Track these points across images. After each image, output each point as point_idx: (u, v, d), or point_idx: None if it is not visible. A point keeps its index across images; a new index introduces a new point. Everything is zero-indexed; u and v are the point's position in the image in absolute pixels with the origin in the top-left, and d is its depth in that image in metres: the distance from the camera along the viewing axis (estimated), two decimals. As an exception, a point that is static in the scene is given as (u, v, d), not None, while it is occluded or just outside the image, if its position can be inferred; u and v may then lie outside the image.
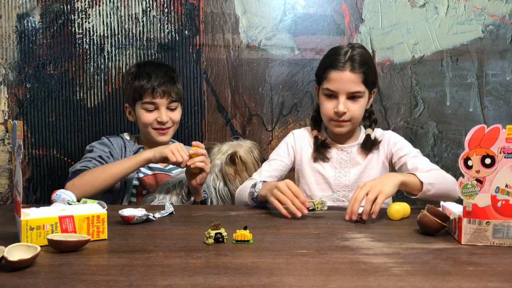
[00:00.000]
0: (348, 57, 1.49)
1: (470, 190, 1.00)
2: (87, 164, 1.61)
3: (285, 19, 2.07)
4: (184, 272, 0.85)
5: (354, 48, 1.52)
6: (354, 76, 1.48)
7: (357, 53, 1.50)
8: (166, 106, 1.70)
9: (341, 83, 1.49)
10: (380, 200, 1.20)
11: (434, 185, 1.31)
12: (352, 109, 1.51)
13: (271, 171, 1.60)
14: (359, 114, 1.54)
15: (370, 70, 1.51)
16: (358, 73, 1.48)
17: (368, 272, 0.84)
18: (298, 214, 1.24)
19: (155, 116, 1.69)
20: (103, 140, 1.74)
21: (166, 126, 1.70)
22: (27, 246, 0.91)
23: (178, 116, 1.74)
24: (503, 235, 1.00)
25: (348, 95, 1.50)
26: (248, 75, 2.08)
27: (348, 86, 1.49)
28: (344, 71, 1.48)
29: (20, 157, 0.99)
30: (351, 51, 1.50)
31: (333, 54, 1.53)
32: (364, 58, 1.50)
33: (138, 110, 1.70)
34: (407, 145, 1.59)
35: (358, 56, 1.49)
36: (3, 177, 2.07)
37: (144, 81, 1.67)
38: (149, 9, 2.04)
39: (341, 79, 1.48)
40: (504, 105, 2.10)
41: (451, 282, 0.80)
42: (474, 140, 1.00)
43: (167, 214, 1.31)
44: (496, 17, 2.07)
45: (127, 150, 1.72)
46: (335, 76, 1.49)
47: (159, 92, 1.67)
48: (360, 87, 1.50)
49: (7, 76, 2.03)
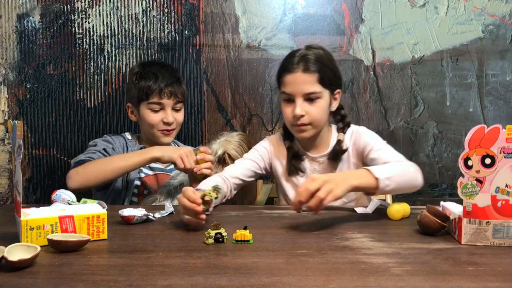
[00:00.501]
0: (300, 58, 1.42)
1: (470, 190, 1.00)
2: (91, 155, 1.60)
3: (285, 19, 2.07)
4: (184, 272, 0.85)
5: (310, 49, 1.46)
6: (307, 76, 1.41)
7: (312, 53, 1.44)
8: (171, 107, 1.70)
9: (295, 85, 1.42)
10: (328, 201, 1.09)
11: (392, 178, 1.21)
12: (310, 111, 1.43)
13: (242, 170, 1.52)
14: (320, 117, 1.45)
15: (326, 69, 1.44)
16: (312, 72, 1.41)
17: (368, 272, 0.84)
18: (197, 213, 1.13)
19: (161, 116, 1.68)
20: (106, 137, 1.74)
21: (172, 127, 1.70)
22: (27, 246, 0.91)
23: (182, 117, 1.75)
24: (503, 235, 1.00)
25: (304, 97, 1.43)
26: (248, 75, 2.08)
27: (302, 87, 1.42)
28: (296, 72, 1.42)
29: (20, 157, 0.99)
30: (305, 52, 1.44)
31: (287, 57, 1.47)
32: (318, 57, 1.43)
33: (143, 110, 1.70)
34: (372, 139, 1.49)
35: (312, 56, 1.43)
36: (3, 177, 2.07)
37: (151, 82, 1.67)
38: (149, 9, 2.04)
39: (294, 81, 1.42)
40: (504, 105, 2.10)
41: (451, 282, 0.80)
42: (474, 140, 1.00)
43: (167, 214, 1.31)
44: (496, 17, 2.07)
45: (129, 150, 1.72)
46: (289, 79, 1.43)
47: (167, 92, 1.67)
48: (315, 87, 1.42)
49: (7, 76, 2.03)
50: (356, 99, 2.09)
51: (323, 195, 1.09)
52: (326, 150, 1.52)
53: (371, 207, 1.34)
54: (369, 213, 1.33)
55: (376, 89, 2.10)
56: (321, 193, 1.09)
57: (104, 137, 1.74)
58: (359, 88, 2.09)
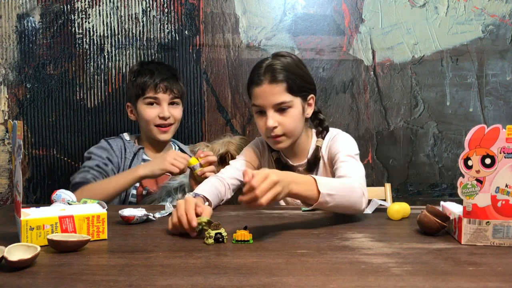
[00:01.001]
0: (266, 69, 1.39)
1: (470, 190, 1.00)
2: (85, 175, 1.61)
3: (285, 19, 2.07)
4: (184, 272, 0.85)
5: (277, 57, 1.42)
6: (274, 86, 1.38)
7: (278, 62, 1.40)
8: (168, 102, 1.70)
9: (263, 97, 1.39)
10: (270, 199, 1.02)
11: (334, 196, 1.14)
12: (283, 121, 1.40)
13: (238, 171, 1.49)
14: (293, 126, 1.42)
15: (294, 77, 1.39)
16: (280, 82, 1.38)
17: (368, 272, 0.84)
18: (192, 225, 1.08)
19: (157, 111, 1.69)
20: (102, 143, 1.73)
21: (168, 122, 1.71)
22: (27, 246, 0.91)
23: (179, 113, 1.75)
24: (503, 235, 1.00)
25: (275, 108, 1.39)
26: (248, 75, 2.08)
27: (271, 98, 1.38)
28: (263, 84, 1.38)
29: (20, 157, 0.99)
30: (271, 61, 1.40)
31: (254, 69, 1.44)
32: (285, 66, 1.39)
33: (140, 106, 1.71)
34: (343, 147, 1.43)
35: (279, 65, 1.39)
36: (3, 177, 2.07)
37: (147, 77, 1.69)
38: (149, 9, 2.04)
39: (263, 93, 1.39)
40: (504, 105, 2.10)
41: (451, 282, 0.80)
42: (474, 140, 1.00)
43: (167, 214, 1.31)
44: (496, 17, 2.07)
45: (127, 151, 1.72)
46: (257, 91, 1.40)
47: (162, 87, 1.69)
48: (284, 97, 1.38)
49: (7, 76, 2.03)
50: (356, 99, 2.09)
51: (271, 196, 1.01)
52: (305, 158, 1.51)
53: (371, 207, 1.34)
54: (369, 213, 1.33)
55: (376, 89, 2.10)
56: (270, 194, 1.01)
57: (100, 143, 1.73)
58: (359, 88, 2.09)
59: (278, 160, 1.54)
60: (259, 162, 1.57)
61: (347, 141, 1.47)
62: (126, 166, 1.68)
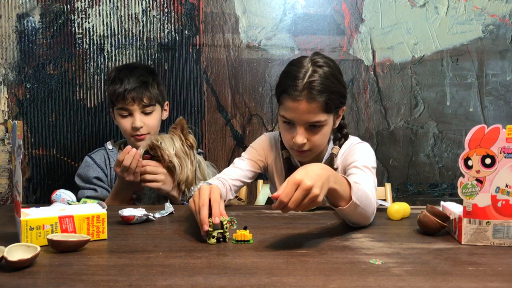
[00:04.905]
0: (306, 85, 1.27)
1: (470, 190, 1.00)
2: (93, 193, 1.64)
3: (285, 19, 2.07)
4: (184, 272, 0.85)
5: (315, 70, 1.29)
6: (310, 105, 1.28)
7: (318, 77, 1.28)
8: (140, 111, 1.65)
9: (297, 113, 1.30)
10: (307, 208, 0.99)
11: (358, 208, 1.08)
12: (312, 139, 1.33)
13: (241, 172, 1.45)
14: (322, 142, 1.37)
15: (333, 95, 1.30)
16: (318, 102, 1.28)
17: (368, 272, 0.84)
18: (203, 228, 1.04)
19: (130, 122, 1.65)
20: (86, 161, 1.72)
21: (141, 133, 1.65)
22: (27, 246, 0.91)
23: (154, 121, 1.68)
24: (503, 235, 1.00)
25: (306, 125, 1.32)
26: (248, 75, 2.08)
27: (306, 117, 1.30)
28: (300, 102, 1.28)
29: (20, 157, 0.99)
30: (311, 75, 1.28)
31: (289, 77, 1.31)
32: (325, 82, 1.28)
33: (116, 116, 1.70)
34: (360, 156, 1.36)
35: (318, 81, 1.27)
36: (3, 177, 2.07)
37: (117, 86, 1.64)
38: (149, 9, 2.04)
39: (296, 109, 1.29)
40: (504, 105, 2.10)
41: (451, 282, 0.80)
42: (474, 140, 1.00)
43: (167, 214, 1.31)
44: (496, 17, 2.07)
45: (111, 161, 1.71)
46: (290, 105, 1.30)
47: (129, 98, 1.63)
48: (320, 116, 1.30)
49: (7, 76, 2.03)
50: (356, 99, 2.09)
51: (307, 203, 0.97)
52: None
53: (371, 207, 1.34)
54: None
55: (376, 89, 2.10)
56: (306, 200, 0.96)
57: (84, 161, 1.73)
58: (359, 88, 2.09)
59: (288, 160, 1.47)
60: (265, 161, 1.52)
61: (366, 152, 1.40)
62: (112, 174, 1.69)
